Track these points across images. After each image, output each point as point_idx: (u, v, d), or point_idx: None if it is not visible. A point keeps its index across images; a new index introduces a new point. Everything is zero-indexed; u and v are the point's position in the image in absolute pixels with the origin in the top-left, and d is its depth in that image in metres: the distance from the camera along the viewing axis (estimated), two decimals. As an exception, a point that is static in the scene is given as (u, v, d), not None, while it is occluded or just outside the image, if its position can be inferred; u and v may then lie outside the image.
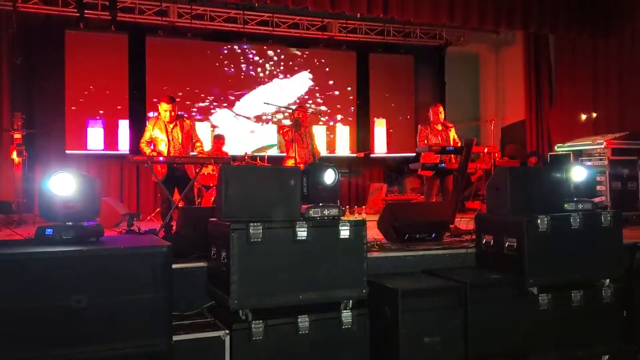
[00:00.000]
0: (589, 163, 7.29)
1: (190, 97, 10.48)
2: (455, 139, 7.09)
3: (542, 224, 3.71)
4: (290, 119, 7.61)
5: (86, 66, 9.74)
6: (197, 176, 6.02)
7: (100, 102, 9.91)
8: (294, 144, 7.06)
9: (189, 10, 10.05)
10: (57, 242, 2.91)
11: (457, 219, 5.38)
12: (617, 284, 3.94)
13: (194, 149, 6.16)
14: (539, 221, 3.71)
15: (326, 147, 11.12)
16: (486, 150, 7.00)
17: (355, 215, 8.50)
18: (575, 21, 8.02)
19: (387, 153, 11.84)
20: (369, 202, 10.55)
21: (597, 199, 6.25)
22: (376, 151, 11.73)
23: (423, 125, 7.12)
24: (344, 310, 3.29)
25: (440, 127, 7.05)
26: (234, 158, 8.09)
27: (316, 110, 9.02)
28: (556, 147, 8.38)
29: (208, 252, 3.47)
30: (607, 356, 3.90)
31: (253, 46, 10.91)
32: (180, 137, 5.97)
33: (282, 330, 3.15)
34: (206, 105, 10.64)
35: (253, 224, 3.11)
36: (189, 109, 10.41)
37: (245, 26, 10.52)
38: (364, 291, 3.32)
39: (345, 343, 3.28)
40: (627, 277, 4.05)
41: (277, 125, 10.83)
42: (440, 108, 7.12)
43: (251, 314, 3.11)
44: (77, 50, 9.70)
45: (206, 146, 7.70)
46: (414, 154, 9.95)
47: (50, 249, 2.75)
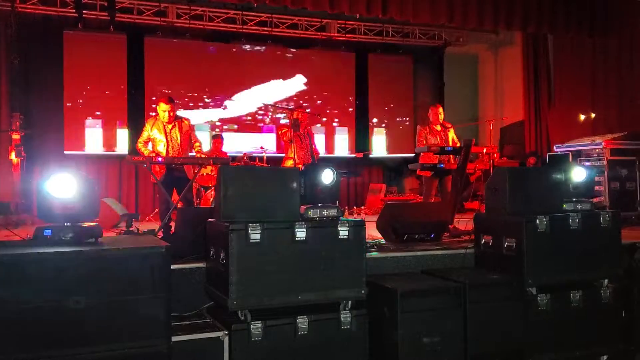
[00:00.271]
0: (588, 163, 7.29)
1: (189, 98, 10.47)
2: (454, 140, 7.09)
3: (541, 225, 3.71)
4: (289, 119, 7.60)
5: (85, 67, 9.73)
6: (196, 177, 6.02)
7: (99, 102, 9.89)
8: (292, 145, 7.05)
9: (187, 11, 10.05)
10: (55, 243, 2.90)
11: (456, 219, 5.38)
12: (616, 284, 3.95)
13: (193, 149, 6.16)
14: (538, 221, 3.71)
15: (325, 148, 11.12)
16: (485, 150, 7.01)
17: (354, 216, 8.50)
18: (574, 21, 8.01)
19: (386, 153, 11.84)
20: (368, 203, 10.56)
21: (596, 199, 6.26)
22: (375, 152, 11.73)
23: (422, 126, 7.12)
24: (343, 311, 3.29)
25: (439, 128, 7.05)
26: (233, 158, 8.09)
27: (315, 113, 9.02)
28: (555, 148, 8.38)
29: (207, 253, 3.47)
30: (606, 356, 3.90)
31: (252, 46, 10.91)
32: (179, 138, 5.97)
33: (281, 330, 3.15)
34: (205, 105, 10.63)
35: (252, 225, 3.10)
36: (188, 109, 10.40)
37: (244, 26, 10.51)
38: (363, 291, 3.32)
39: (344, 343, 3.27)
40: (626, 278, 4.05)
41: (276, 125, 10.83)
42: (440, 109, 7.12)
43: (250, 314, 3.11)
44: (75, 50, 9.68)
45: (205, 147, 7.69)
46: (413, 155, 9.96)
47: (49, 250, 2.75)
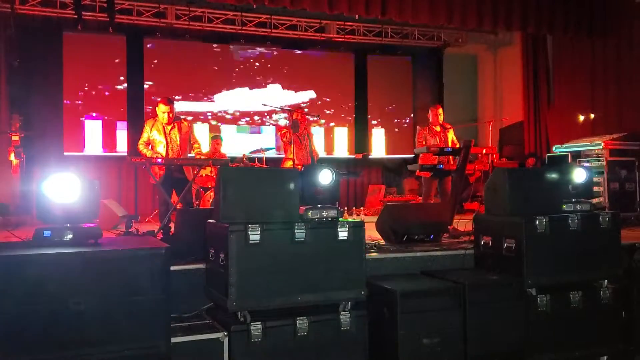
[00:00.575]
0: (587, 164, 7.29)
1: (188, 99, 10.47)
2: (453, 140, 7.09)
3: (541, 225, 3.71)
4: (289, 120, 7.60)
5: (84, 68, 9.74)
6: (196, 178, 6.01)
7: (98, 103, 9.90)
8: (292, 146, 7.05)
9: (186, 12, 10.04)
10: (55, 244, 2.90)
11: (456, 220, 5.38)
12: (616, 284, 3.95)
13: (192, 150, 6.16)
14: (538, 222, 3.71)
15: (324, 149, 11.12)
16: (484, 151, 7.01)
17: (353, 217, 8.49)
18: (573, 21, 8.01)
19: (385, 154, 11.84)
20: (367, 204, 10.56)
21: (595, 200, 6.27)
22: (374, 152, 11.73)
23: (421, 127, 7.13)
24: (343, 312, 3.29)
25: (438, 129, 7.05)
26: (232, 159, 8.08)
27: (314, 113, 9.03)
28: (554, 148, 8.38)
29: (206, 254, 3.47)
30: (605, 357, 3.90)
31: (251, 47, 10.91)
32: (178, 139, 5.97)
33: (281, 331, 3.14)
34: (204, 106, 10.63)
35: (251, 226, 3.10)
36: (187, 110, 10.39)
37: (243, 28, 10.51)
38: (363, 292, 3.32)
39: (344, 344, 3.27)
40: (625, 278, 4.05)
41: (275, 126, 10.83)
42: (440, 109, 7.11)
43: (249, 315, 3.11)
44: (75, 52, 9.69)
45: (204, 148, 7.69)
46: (412, 155, 9.96)
47: (49, 251, 2.75)
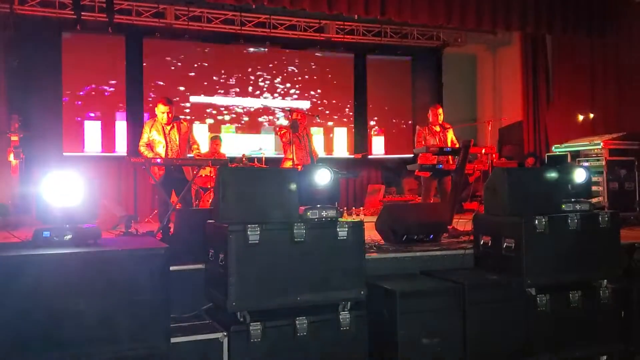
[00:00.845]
0: (586, 164, 7.30)
1: (187, 99, 10.46)
2: (453, 140, 7.09)
3: (540, 225, 3.71)
4: (288, 121, 7.60)
5: (83, 68, 9.72)
6: (195, 178, 6.01)
7: (98, 104, 9.89)
8: (292, 146, 7.06)
9: (186, 12, 10.04)
10: (54, 244, 2.90)
11: (455, 220, 5.38)
12: (615, 284, 3.94)
13: (191, 151, 6.15)
14: (537, 222, 3.71)
15: (324, 149, 11.12)
16: (484, 151, 7.01)
17: (353, 217, 8.49)
18: (572, 21, 8.02)
19: (384, 154, 11.84)
20: (366, 204, 10.56)
21: (595, 200, 6.27)
22: (374, 152, 11.73)
23: (421, 126, 7.12)
24: (342, 312, 3.29)
25: (438, 129, 7.04)
26: (232, 160, 8.08)
27: (314, 114, 9.04)
28: (553, 148, 8.39)
29: (206, 254, 3.47)
30: (605, 356, 3.91)
31: (250, 48, 10.89)
32: (178, 139, 5.97)
33: (280, 331, 3.14)
34: (204, 106, 10.63)
35: (251, 226, 3.10)
36: (186, 110, 10.39)
37: (243, 28, 10.50)
38: (362, 292, 3.32)
39: (343, 344, 3.27)
40: (625, 278, 4.05)
41: (274, 126, 10.82)
42: (440, 109, 7.11)
43: (249, 315, 3.11)
44: (74, 52, 9.67)
45: (203, 148, 7.69)
46: (412, 155, 9.96)
47: (48, 252, 2.74)
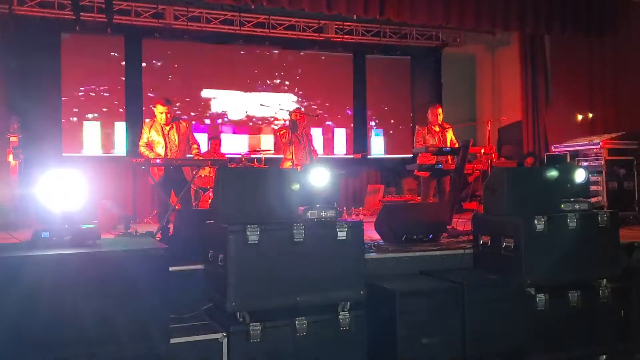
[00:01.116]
0: (586, 163, 7.30)
1: (186, 99, 10.46)
2: (452, 140, 7.08)
3: (539, 225, 3.72)
4: (288, 121, 7.60)
5: (82, 69, 9.72)
6: (194, 178, 6.01)
7: (97, 104, 9.89)
8: (291, 146, 7.06)
9: (185, 13, 10.04)
10: (53, 245, 2.90)
11: (455, 219, 5.39)
12: (615, 284, 3.95)
13: (190, 151, 6.15)
14: (536, 221, 3.71)
15: (323, 149, 11.12)
16: (483, 151, 7.01)
17: (352, 217, 8.49)
18: (571, 21, 8.02)
19: (384, 154, 11.85)
20: (366, 204, 10.55)
21: (594, 199, 6.28)
22: (373, 152, 11.73)
23: (420, 126, 7.11)
24: (342, 312, 3.29)
25: (437, 128, 7.03)
26: (231, 160, 8.07)
27: (313, 113, 9.05)
28: (553, 148, 8.39)
29: (205, 255, 3.47)
30: (604, 356, 3.91)
31: (249, 48, 10.90)
32: (177, 139, 5.96)
33: (280, 332, 3.15)
34: (203, 106, 10.63)
35: (250, 226, 3.10)
36: (186, 110, 10.39)
37: (242, 28, 10.50)
38: (362, 292, 3.32)
39: (343, 344, 3.27)
40: (624, 277, 4.05)
41: (274, 127, 10.83)
42: (439, 109, 7.09)
43: (249, 316, 3.11)
44: (73, 53, 9.67)
45: (203, 148, 7.68)
46: (411, 155, 9.96)
47: (47, 252, 2.74)
